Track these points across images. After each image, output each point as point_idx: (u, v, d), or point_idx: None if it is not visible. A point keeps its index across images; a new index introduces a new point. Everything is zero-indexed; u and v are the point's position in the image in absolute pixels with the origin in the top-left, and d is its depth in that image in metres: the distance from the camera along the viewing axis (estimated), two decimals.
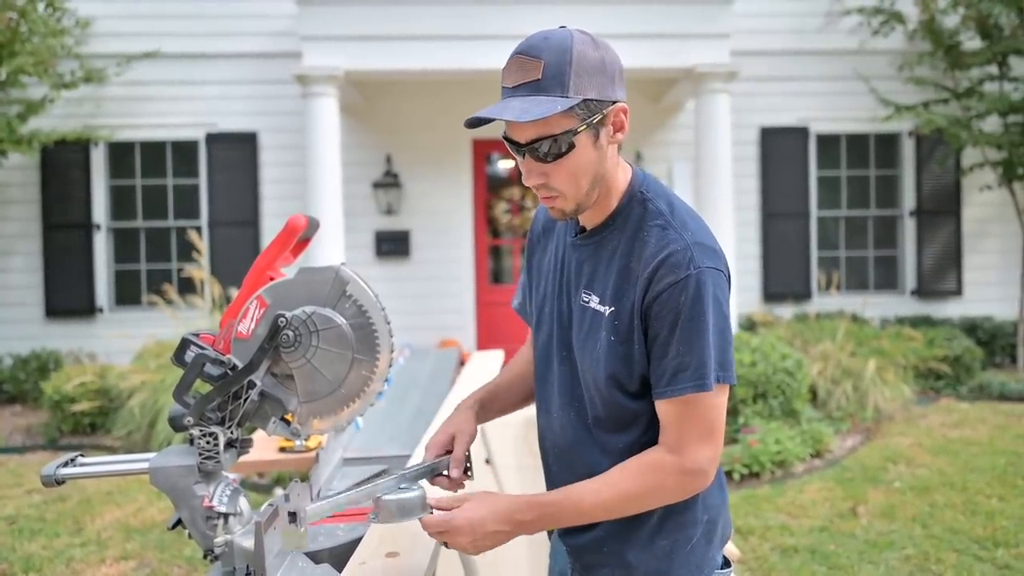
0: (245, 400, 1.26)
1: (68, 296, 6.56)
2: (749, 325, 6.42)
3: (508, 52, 1.06)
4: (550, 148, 0.98)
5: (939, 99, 6.51)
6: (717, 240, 1.04)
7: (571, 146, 0.97)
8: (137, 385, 4.68)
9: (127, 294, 6.71)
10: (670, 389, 0.99)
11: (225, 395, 1.25)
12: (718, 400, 1.00)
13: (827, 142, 7.05)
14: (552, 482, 1.16)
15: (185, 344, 1.30)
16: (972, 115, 6.32)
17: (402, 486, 1.04)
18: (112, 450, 4.74)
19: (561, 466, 1.14)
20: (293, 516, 0.98)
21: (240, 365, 1.26)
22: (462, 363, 3.23)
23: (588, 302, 1.07)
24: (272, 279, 1.34)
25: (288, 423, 1.31)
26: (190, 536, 1.24)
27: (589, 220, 1.10)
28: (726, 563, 1.15)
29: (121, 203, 6.72)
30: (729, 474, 3.90)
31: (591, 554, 1.11)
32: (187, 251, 6.30)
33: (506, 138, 1.02)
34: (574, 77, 0.95)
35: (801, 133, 6.97)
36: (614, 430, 1.07)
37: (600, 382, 1.05)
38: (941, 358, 5.79)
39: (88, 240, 6.58)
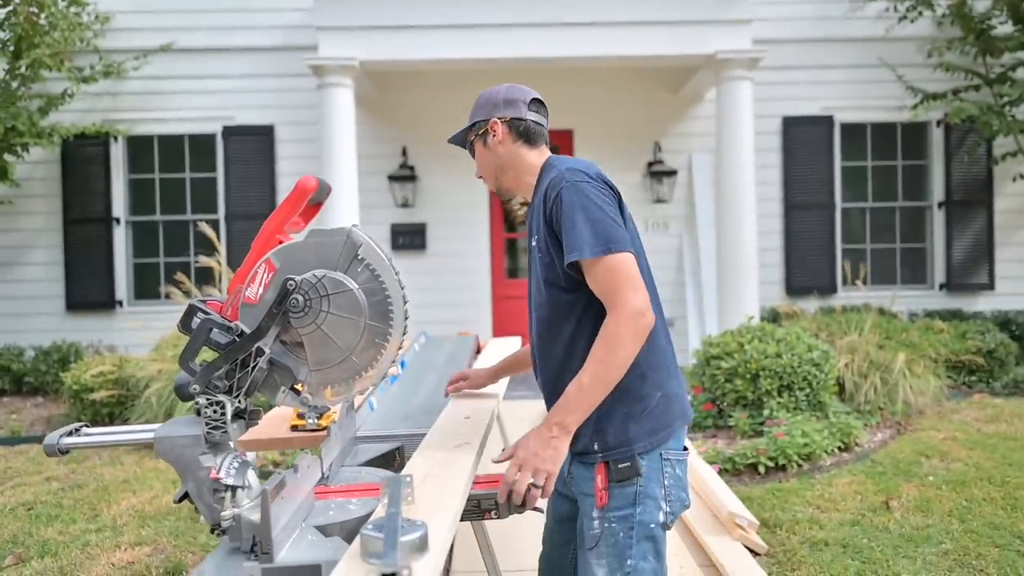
0: (253, 368, 1.20)
1: (88, 290, 6.61)
2: (772, 317, 6.28)
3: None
4: (469, 151, 1.62)
5: (969, 86, 6.31)
6: (595, 168, 1.41)
7: (472, 150, 1.59)
8: (154, 374, 4.68)
9: (146, 288, 6.75)
10: (573, 259, 1.34)
11: (232, 362, 1.19)
12: (619, 262, 1.32)
13: (852, 132, 6.89)
14: (540, 374, 1.53)
15: (192, 310, 1.25)
16: (1004, 102, 6.12)
17: (403, 524, 0.97)
18: None
19: (541, 354, 1.52)
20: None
21: (248, 331, 1.20)
22: (478, 351, 3.17)
23: (532, 244, 1.50)
24: (281, 242, 1.28)
25: (298, 393, 1.25)
26: (197, 511, 1.19)
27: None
28: (684, 449, 1.46)
29: (140, 197, 6.77)
30: (754, 466, 3.79)
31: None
32: (205, 245, 6.31)
33: None
34: (474, 110, 1.58)
35: (825, 122, 6.81)
36: (557, 321, 1.44)
37: (542, 288, 1.45)
38: (974, 351, 5.60)
39: (108, 234, 6.63)
